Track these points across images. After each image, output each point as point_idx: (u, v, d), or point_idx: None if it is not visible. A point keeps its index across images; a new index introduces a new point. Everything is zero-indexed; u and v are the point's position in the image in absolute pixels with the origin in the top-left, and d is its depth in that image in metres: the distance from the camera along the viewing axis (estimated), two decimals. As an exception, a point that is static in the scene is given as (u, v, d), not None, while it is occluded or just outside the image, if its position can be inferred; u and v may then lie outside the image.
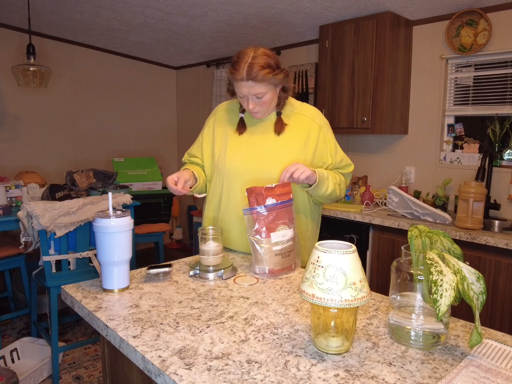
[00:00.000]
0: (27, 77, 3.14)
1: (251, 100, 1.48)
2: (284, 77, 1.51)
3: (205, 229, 1.40)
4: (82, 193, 2.97)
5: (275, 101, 1.56)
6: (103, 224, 1.18)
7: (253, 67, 1.41)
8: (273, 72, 1.45)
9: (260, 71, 1.41)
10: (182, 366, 0.82)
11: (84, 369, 2.54)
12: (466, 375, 0.80)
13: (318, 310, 0.88)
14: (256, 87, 1.44)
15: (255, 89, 1.45)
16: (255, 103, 1.49)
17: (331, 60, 3.07)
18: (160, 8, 3.11)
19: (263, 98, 1.48)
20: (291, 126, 1.59)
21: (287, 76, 1.53)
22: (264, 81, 1.43)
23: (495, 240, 2.09)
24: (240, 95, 1.50)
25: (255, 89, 1.45)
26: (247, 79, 1.42)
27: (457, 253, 0.96)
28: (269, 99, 1.50)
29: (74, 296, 1.18)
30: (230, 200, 1.60)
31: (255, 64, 1.42)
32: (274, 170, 1.54)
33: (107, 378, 1.23)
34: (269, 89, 1.48)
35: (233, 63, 1.46)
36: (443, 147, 2.93)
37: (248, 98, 1.48)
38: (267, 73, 1.43)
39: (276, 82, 1.48)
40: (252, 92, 1.45)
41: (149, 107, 4.84)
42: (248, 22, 3.28)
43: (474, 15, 2.60)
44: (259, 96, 1.47)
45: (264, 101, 1.50)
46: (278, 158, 1.55)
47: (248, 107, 1.51)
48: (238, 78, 1.43)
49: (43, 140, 4.11)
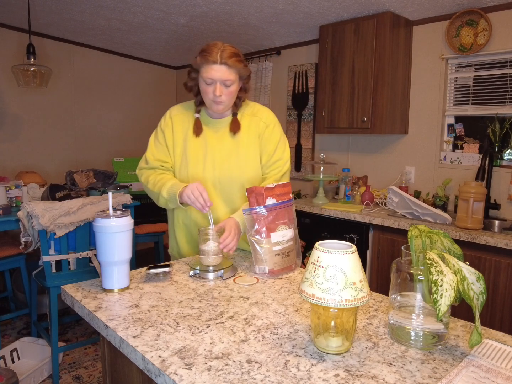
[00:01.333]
0: (27, 77, 3.14)
1: (219, 86, 1.49)
2: (249, 74, 1.58)
3: (206, 229, 1.40)
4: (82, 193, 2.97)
5: (235, 97, 1.59)
6: (103, 224, 1.18)
7: (225, 52, 1.48)
8: (242, 62, 1.52)
9: (232, 57, 1.48)
10: (182, 366, 0.82)
11: (84, 369, 2.54)
12: (466, 375, 0.80)
13: (318, 310, 0.88)
14: (227, 72, 1.48)
15: (226, 74, 1.48)
16: (222, 91, 1.50)
17: (331, 60, 3.07)
18: (160, 8, 3.11)
19: (231, 87, 1.51)
20: (245, 129, 1.63)
21: (249, 75, 1.60)
22: (235, 67, 1.49)
23: (495, 240, 2.09)
24: (207, 81, 1.49)
25: (226, 75, 1.48)
26: (220, 62, 1.46)
27: (457, 253, 0.96)
28: (234, 90, 1.54)
29: (74, 296, 1.18)
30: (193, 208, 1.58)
31: (227, 50, 1.48)
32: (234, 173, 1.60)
33: (107, 378, 1.23)
34: (236, 80, 1.53)
35: (205, 49, 1.50)
36: (443, 147, 2.93)
37: (217, 84, 1.49)
38: (238, 61, 1.50)
39: (243, 74, 1.54)
40: (223, 77, 1.48)
41: (149, 107, 4.84)
42: (248, 22, 3.28)
43: (474, 15, 2.60)
44: (227, 84, 1.50)
45: (230, 91, 1.52)
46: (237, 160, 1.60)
47: (215, 94, 1.50)
48: (211, 60, 1.46)
49: (43, 140, 4.11)
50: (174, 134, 1.64)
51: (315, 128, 3.57)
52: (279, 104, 3.85)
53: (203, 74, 1.50)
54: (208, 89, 1.51)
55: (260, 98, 3.90)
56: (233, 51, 1.50)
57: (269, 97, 3.92)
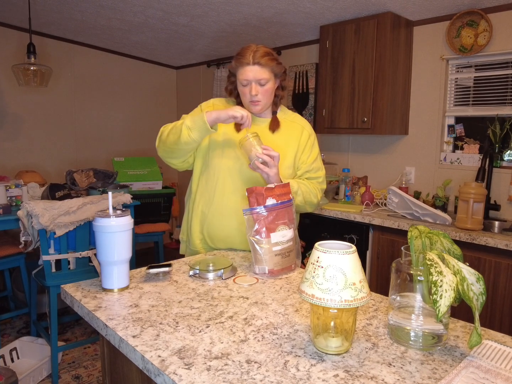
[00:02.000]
0: (28, 77, 3.14)
1: (254, 85, 1.54)
2: (284, 72, 1.61)
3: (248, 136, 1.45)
4: (82, 192, 2.97)
5: (273, 95, 1.62)
6: (103, 224, 1.18)
7: (258, 53, 1.52)
8: (275, 61, 1.56)
9: (264, 56, 1.52)
10: (181, 366, 0.82)
11: (84, 368, 2.54)
12: (466, 376, 0.80)
13: (318, 311, 0.88)
14: (261, 71, 1.52)
15: (260, 73, 1.52)
16: (257, 90, 1.54)
17: (332, 60, 3.07)
18: (161, 7, 3.11)
19: (266, 86, 1.55)
20: (284, 130, 1.67)
21: (285, 73, 1.63)
22: (268, 66, 1.53)
23: (495, 241, 2.09)
24: (243, 82, 1.55)
25: (260, 74, 1.52)
26: (253, 63, 1.51)
27: (457, 253, 0.96)
28: (270, 88, 1.57)
29: (74, 295, 1.18)
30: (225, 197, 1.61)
31: (260, 51, 1.53)
32: None
33: (106, 378, 1.23)
34: (271, 78, 1.56)
35: (239, 52, 1.56)
36: (443, 148, 2.93)
37: (252, 84, 1.54)
38: (271, 59, 1.54)
39: (277, 72, 1.57)
40: (257, 76, 1.52)
41: (149, 106, 4.84)
42: (249, 22, 3.28)
43: (475, 16, 2.60)
44: (262, 83, 1.54)
45: (266, 90, 1.56)
46: None
47: (251, 93, 1.55)
48: (244, 62, 1.52)
49: (43, 140, 4.11)
50: None
51: (315, 128, 3.56)
52: (280, 104, 3.85)
53: (239, 76, 1.55)
54: (245, 90, 1.57)
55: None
56: (266, 51, 1.54)
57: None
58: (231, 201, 1.61)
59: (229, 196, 1.61)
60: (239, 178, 1.61)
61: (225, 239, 1.65)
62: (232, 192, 1.61)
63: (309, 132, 1.71)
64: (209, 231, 1.65)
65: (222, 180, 1.62)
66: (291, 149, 1.66)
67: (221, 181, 1.62)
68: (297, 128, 1.69)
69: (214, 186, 1.63)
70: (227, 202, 1.61)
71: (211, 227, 1.64)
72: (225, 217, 1.62)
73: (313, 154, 1.70)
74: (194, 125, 1.50)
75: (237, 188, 1.60)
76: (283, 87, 1.65)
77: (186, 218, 1.77)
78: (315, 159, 1.71)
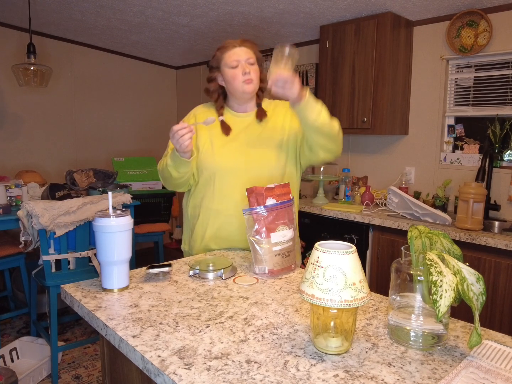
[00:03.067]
0: (28, 76, 3.14)
1: (245, 64, 1.55)
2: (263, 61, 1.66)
3: None
4: (82, 192, 2.97)
5: (259, 81, 1.63)
6: (103, 224, 1.18)
7: (241, 39, 1.58)
8: (258, 47, 1.61)
9: (248, 41, 1.59)
10: (181, 366, 0.82)
11: (84, 368, 2.54)
12: (466, 376, 0.80)
13: (318, 311, 0.88)
14: (249, 51, 1.57)
15: (248, 53, 1.56)
16: (249, 68, 1.55)
17: (332, 60, 3.07)
18: (161, 7, 3.11)
19: (254, 66, 1.58)
20: (271, 117, 1.67)
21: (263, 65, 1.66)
22: (253, 48, 1.58)
23: (495, 241, 2.09)
24: (233, 63, 1.55)
25: (248, 54, 1.56)
26: (240, 45, 1.56)
27: (457, 254, 0.96)
28: (257, 70, 1.60)
29: (74, 295, 1.18)
30: (223, 195, 1.60)
31: (245, 38, 1.60)
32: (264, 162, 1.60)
33: (106, 378, 1.23)
34: (256, 61, 1.59)
35: (222, 44, 1.59)
36: (443, 148, 2.93)
37: (242, 63, 1.55)
38: (254, 44, 1.60)
39: (259, 57, 1.61)
40: (247, 55, 1.55)
41: (149, 106, 4.84)
42: (249, 22, 3.28)
43: (475, 16, 2.60)
44: (251, 62, 1.56)
45: (255, 69, 1.58)
46: (266, 148, 1.61)
47: (244, 72, 1.54)
48: (231, 45, 1.55)
49: (43, 140, 4.11)
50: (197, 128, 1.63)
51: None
52: (280, 104, 3.85)
53: (227, 60, 1.56)
54: (235, 72, 1.55)
55: (261, 98, 3.89)
56: (248, 39, 1.60)
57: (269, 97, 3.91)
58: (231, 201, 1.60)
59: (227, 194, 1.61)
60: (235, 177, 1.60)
61: (228, 238, 1.65)
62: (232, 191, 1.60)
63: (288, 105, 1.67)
64: (212, 233, 1.64)
65: (219, 181, 1.61)
66: (281, 132, 1.64)
67: (218, 182, 1.61)
68: (281, 110, 1.69)
69: (212, 188, 1.62)
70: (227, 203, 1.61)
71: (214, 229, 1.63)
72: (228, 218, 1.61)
73: None
74: (175, 163, 1.51)
75: (235, 186, 1.59)
76: (262, 79, 1.64)
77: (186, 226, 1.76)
78: None
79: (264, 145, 1.61)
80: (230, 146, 1.61)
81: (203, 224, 1.65)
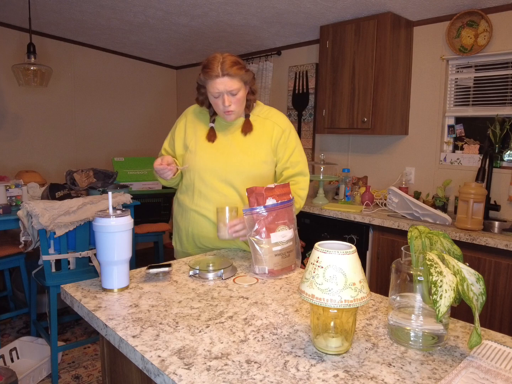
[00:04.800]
0: (28, 76, 3.14)
1: (226, 97, 1.55)
2: (253, 77, 1.63)
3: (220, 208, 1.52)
4: (82, 192, 2.97)
5: (245, 102, 1.64)
6: (103, 224, 1.18)
7: (226, 63, 1.52)
8: (243, 69, 1.57)
9: (232, 66, 1.53)
10: (181, 366, 0.82)
11: (84, 368, 2.54)
12: (466, 376, 0.80)
13: (318, 311, 0.88)
14: (231, 82, 1.53)
15: (230, 84, 1.53)
16: (230, 100, 1.56)
17: (332, 60, 3.07)
18: (161, 7, 3.11)
19: (237, 95, 1.57)
20: (257, 129, 1.67)
21: (254, 78, 1.65)
22: (237, 76, 1.54)
23: (495, 241, 2.09)
24: (215, 94, 1.56)
25: (230, 85, 1.53)
26: (222, 74, 1.52)
27: (457, 254, 0.96)
28: (242, 96, 1.59)
29: (74, 295, 1.18)
30: (202, 196, 1.66)
31: (227, 61, 1.53)
32: (242, 168, 1.63)
33: (106, 378, 1.23)
34: (242, 86, 1.58)
35: (206, 65, 1.56)
36: (443, 148, 2.93)
37: (224, 95, 1.55)
38: (239, 68, 1.54)
39: (246, 79, 1.59)
40: (228, 87, 1.53)
41: (149, 106, 4.84)
42: (249, 22, 3.28)
43: (475, 16, 2.60)
44: (234, 93, 1.55)
45: (238, 98, 1.57)
46: (246, 156, 1.64)
47: (224, 105, 1.57)
48: (213, 75, 1.52)
49: (43, 140, 4.11)
50: (186, 129, 1.73)
51: (315, 128, 3.57)
52: (279, 104, 3.85)
53: (210, 89, 1.57)
54: (217, 102, 1.59)
55: (261, 99, 3.90)
56: (233, 60, 1.54)
57: (269, 97, 3.92)
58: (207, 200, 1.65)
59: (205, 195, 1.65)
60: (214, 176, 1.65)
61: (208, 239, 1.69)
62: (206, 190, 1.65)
63: (282, 128, 1.68)
64: (194, 233, 1.69)
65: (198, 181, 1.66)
66: (264, 146, 1.66)
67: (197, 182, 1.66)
68: (269, 125, 1.68)
69: (192, 187, 1.68)
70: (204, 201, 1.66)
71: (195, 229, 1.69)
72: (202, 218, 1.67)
73: (289, 149, 1.68)
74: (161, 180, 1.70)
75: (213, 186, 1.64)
76: (253, 91, 1.67)
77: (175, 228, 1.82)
78: (291, 153, 1.69)
79: (244, 153, 1.65)
80: (212, 150, 1.66)
81: (185, 222, 1.72)
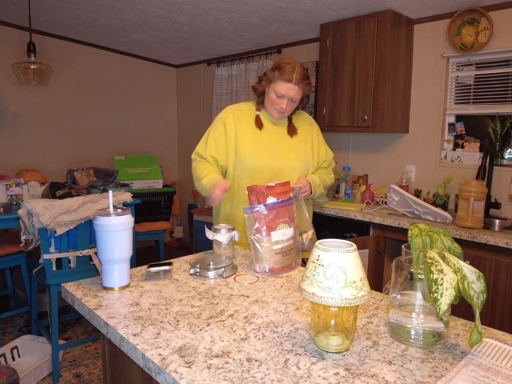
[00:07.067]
0: (28, 75, 3.13)
1: (287, 102, 1.72)
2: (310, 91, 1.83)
3: None
4: (83, 191, 2.97)
5: None
6: (103, 222, 1.18)
7: (300, 74, 1.69)
8: (310, 85, 1.76)
9: (303, 80, 1.70)
10: (182, 364, 0.82)
11: (85, 367, 2.55)
12: (466, 374, 0.80)
13: (318, 309, 0.88)
14: (298, 92, 1.72)
15: (296, 94, 1.72)
16: (288, 105, 1.73)
17: (332, 58, 3.06)
18: (161, 6, 3.10)
19: (295, 102, 1.76)
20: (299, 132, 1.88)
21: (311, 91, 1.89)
22: (304, 89, 1.73)
23: (495, 239, 2.09)
24: (278, 94, 1.71)
25: (296, 94, 1.72)
26: (295, 83, 1.68)
27: (457, 252, 0.96)
28: (296, 104, 1.78)
29: (75, 294, 1.18)
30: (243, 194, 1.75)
31: (301, 72, 1.70)
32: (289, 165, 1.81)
33: (107, 376, 1.23)
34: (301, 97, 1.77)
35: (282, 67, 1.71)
36: (443, 146, 2.93)
37: (286, 99, 1.72)
38: (307, 84, 1.73)
39: (307, 93, 1.78)
40: (293, 95, 1.71)
41: (149, 105, 4.84)
42: (249, 21, 3.28)
43: (476, 14, 2.59)
44: (294, 100, 1.73)
45: (293, 105, 1.76)
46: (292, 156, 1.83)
47: (281, 106, 1.73)
48: (287, 78, 1.68)
49: (43, 138, 4.11)
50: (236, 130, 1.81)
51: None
52: (280, 103, 3.84)
53: (276, 88, 1.70)
54: (277, 101, 1.73)
55: (261, 97, 3.89)
56: (305, 74, 1.72)
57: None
58: None
59: None
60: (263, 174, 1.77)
61: None
62: None
63: (317, 128, 1.96)
64: None
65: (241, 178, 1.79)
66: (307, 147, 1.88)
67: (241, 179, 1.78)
68: (307, 129, 1.91)
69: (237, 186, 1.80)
70: None
71: None
72: None
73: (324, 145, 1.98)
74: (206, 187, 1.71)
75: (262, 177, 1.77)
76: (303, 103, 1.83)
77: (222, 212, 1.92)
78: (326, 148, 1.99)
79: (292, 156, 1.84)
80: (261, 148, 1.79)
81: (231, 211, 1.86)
